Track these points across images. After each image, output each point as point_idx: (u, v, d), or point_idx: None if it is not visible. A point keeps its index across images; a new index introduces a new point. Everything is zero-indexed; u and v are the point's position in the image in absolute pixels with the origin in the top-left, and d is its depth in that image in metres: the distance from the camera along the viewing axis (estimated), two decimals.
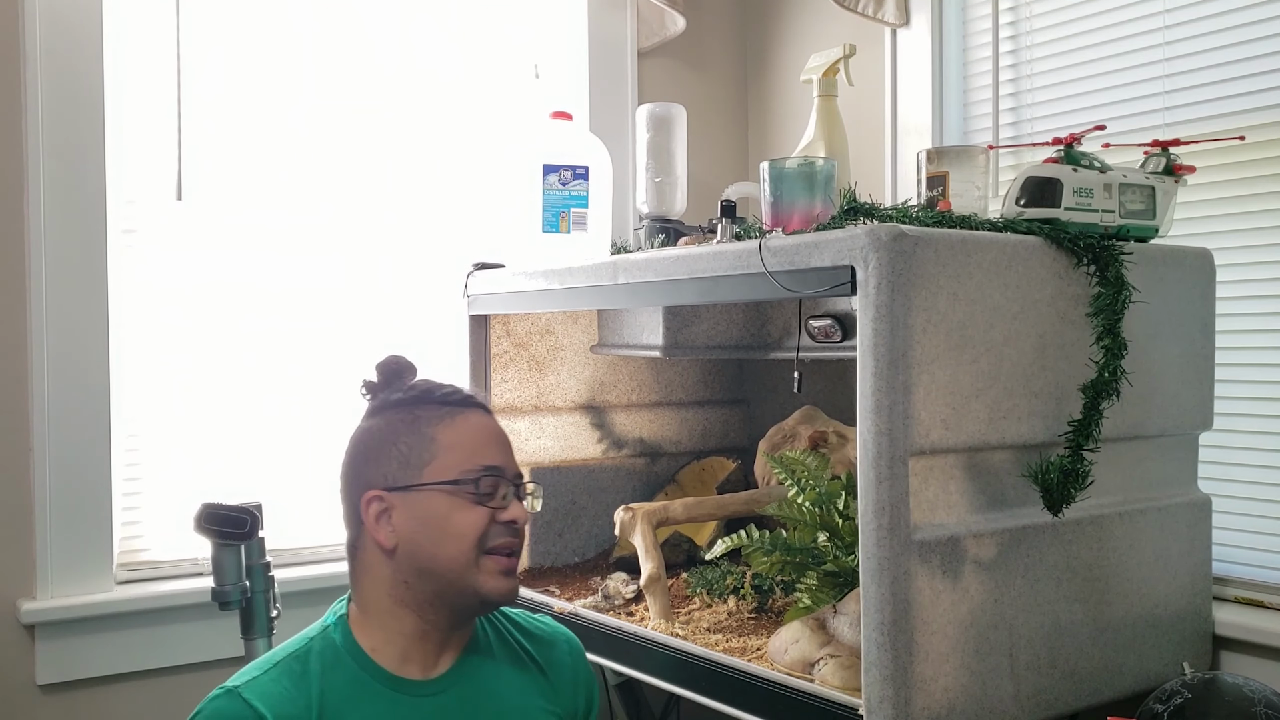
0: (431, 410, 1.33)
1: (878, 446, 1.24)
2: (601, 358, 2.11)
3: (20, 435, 1.85)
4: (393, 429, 1.32)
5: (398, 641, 1.29)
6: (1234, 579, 1.69)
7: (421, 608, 1.29)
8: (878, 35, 2.19)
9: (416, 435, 1.30)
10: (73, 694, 1.89)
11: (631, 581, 1.82)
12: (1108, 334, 1.37)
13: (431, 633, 1.30)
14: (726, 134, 2.54)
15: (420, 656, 1.30)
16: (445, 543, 1.27)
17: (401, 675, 1.28)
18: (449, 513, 1.27)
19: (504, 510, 1.29)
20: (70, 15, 1.86)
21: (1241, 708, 1.30)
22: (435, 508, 1.27)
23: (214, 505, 1.67)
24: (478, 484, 1.28)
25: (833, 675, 1.36)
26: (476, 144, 2.28)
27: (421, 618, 1.29)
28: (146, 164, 1.99)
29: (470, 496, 1.28)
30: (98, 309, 1.89)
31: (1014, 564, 1.36)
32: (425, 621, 1.29)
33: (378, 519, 1.28)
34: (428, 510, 1.27)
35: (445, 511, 1.27)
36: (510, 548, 1.31)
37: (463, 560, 1.27)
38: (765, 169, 1.51)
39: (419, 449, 1.29)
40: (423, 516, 1.27)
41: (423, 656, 1.30)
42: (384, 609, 1.29)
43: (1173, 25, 1.77)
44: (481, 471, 1.29)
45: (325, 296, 2.14)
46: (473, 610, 1.32)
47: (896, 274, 1.23)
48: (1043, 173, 1.41)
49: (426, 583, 1.28)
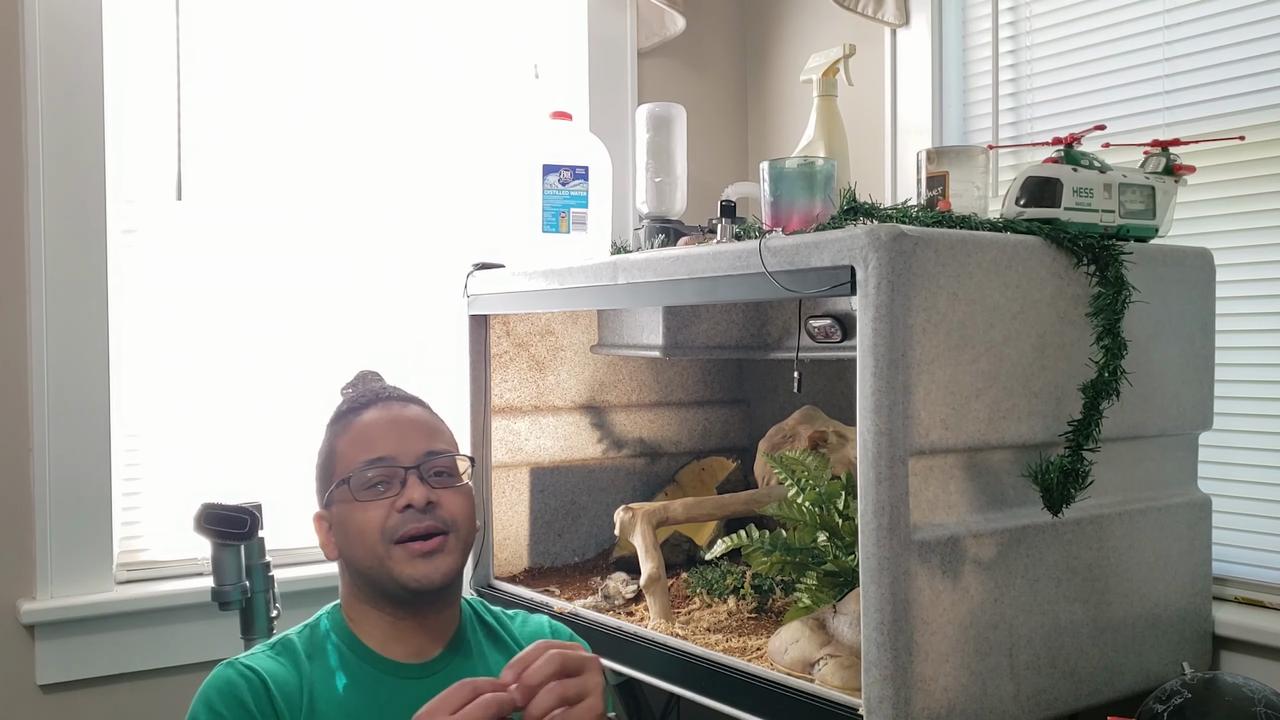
0: (340, 423, 1.39)
1: (878, 446, 1.24)
2: (601, 358, 2.11)
3: (20, 435, 1.85)
4: (319, 452, 1.40)
5: (376, 633, 1.34)
6: (1234, 579, 1.69)
7: (378, 602, 1.33)
8: (878, 35, 2.19)
9: (326, 452, 1.38)
10: (73, 694, 1.89)
11: (631, 581, 1.82)
12: (1108, 334, 1.37)
13: (398, 623, 1.33)
14: (726, 134, 2.54)
15: (400, 645, 1.33)
16: (356, 543, 1.32)
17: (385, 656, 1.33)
18: (350, 515, 1.32)
19: (399, 497, 1.31)
20: (70, 15, 1.86)
21: (1241, 708, 1.30)
22: (343, 514, 1.33)
23: (214, 505, 1.67)
24: (349, 482, 1.31)
25: (833, 675, 1.36)
26: (476, 144, 2.29)
27: (382, 611, 1.33)
28: (146, 164, 1.99)
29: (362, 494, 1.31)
30: (98, 309, 1.89)
31: (1014, 564, 1.36)
32: (387, 613, 1.33)
33: (326, 536, 1.37)
34: (340, 518, 1.34)
35: (348, 515, 1.32)
36: (418, 532, 1.30)
37: (374, 555, 1.30)
38: (765, 169, 1.51)
39: (327, 463, 1.37)
40: (339, 525, 1.34)
41: (403, 645, 1.33)
42: (356, 607, 1.35)
43: (1173, 25, 1.77)
44: (361, 467, 1.32)
45: (325, 296, 2.14)
46: (407, 598, 1.31)
47: (896, 274, 1.23)
48: (1043, 173, 1.41)
49: (365, 581, 1.32)
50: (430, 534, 1.30)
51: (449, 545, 1.31)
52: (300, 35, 2.12)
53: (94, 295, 1.88)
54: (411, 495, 1.30)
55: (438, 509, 1.31)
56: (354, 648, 1.32)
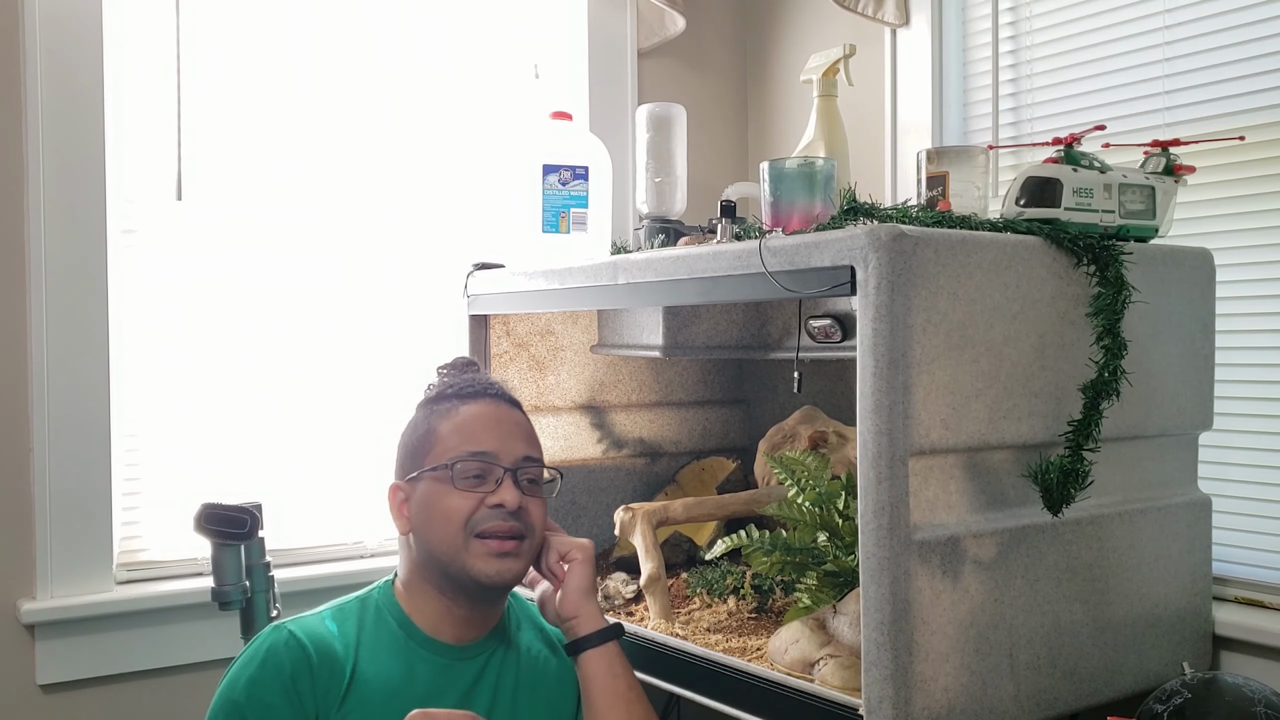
0: (442, 405, 1.43)
1: (878, 446, 1.24)
2: (601, 358, 2.11)
3: (20, 435, 1.85)
4: (412, 425, 1.44)
5: (428, 612, 1.38)
6: (1234, 579, 1.69)
7: (441, 586, 1.37)
8: (878, 35, 2.19)
9: (423, 429, 1.41)
10: (73, 694, 1.89)
11: (631, 581, 1.82)
12: (1108, 334, 1.37)
13: (454, 608, 1.38)
14: (726, 134, 2.54)
15: (450, 628, 1.39)
16: (436, 526, 1.35)
17: (434, 638, 1.37)
18: (439, 498, 1.36)
19: (493, 494, 1.35)
20: (70, 15, 1.86)
21: (1241, 708, 1.30)
22: (429, 494, 1.36)
23: (214, 505, 1.67)
24: (452, 468, 1.35)
25: (833, 675, 1.36)
26: (476, 144, 2.28)
27: (442, 594, 1.38)
28: (146, 164, 1.99)
29: (449, 481, 1.35)
30: (98, 309, 1.89)
31: (1014, 564, 1.36)
32: (446, 597, 1.38)
33: (399, 507, 1.40)
34: (425, 497, 1.37)
35: (436, 497, 1.36)
36: (501, 531, 1.35)
37: (452, 543, 1.34)
38: (765, 169, 1.51)
39: (423, 441, 1.40)
40: (421, 503, 1.37)
41: (452, 628, 1.39)
42: (415, 585, 1.40)
43: (1173, 25, 1.77)
44: (465, 457, 1.36)
45: (325, 297, 2.14)
46: (474, 590, 1.37)
47: (896, 274, 1.23)
48: (1043, 173, 1.41)
49: (434, 564, 1.37)
50: (512, 535, 1.36)
51: (523, 549, 1.37)
52: (300, 35, 2.12)
53: (94, 295, 1.88)
54: (505, 495, 1.36)
55: (524, 513, 1.37)
56: (403, 624, 1.37)
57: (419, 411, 1.45)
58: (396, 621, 1.38)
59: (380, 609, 1.39)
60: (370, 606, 1.39)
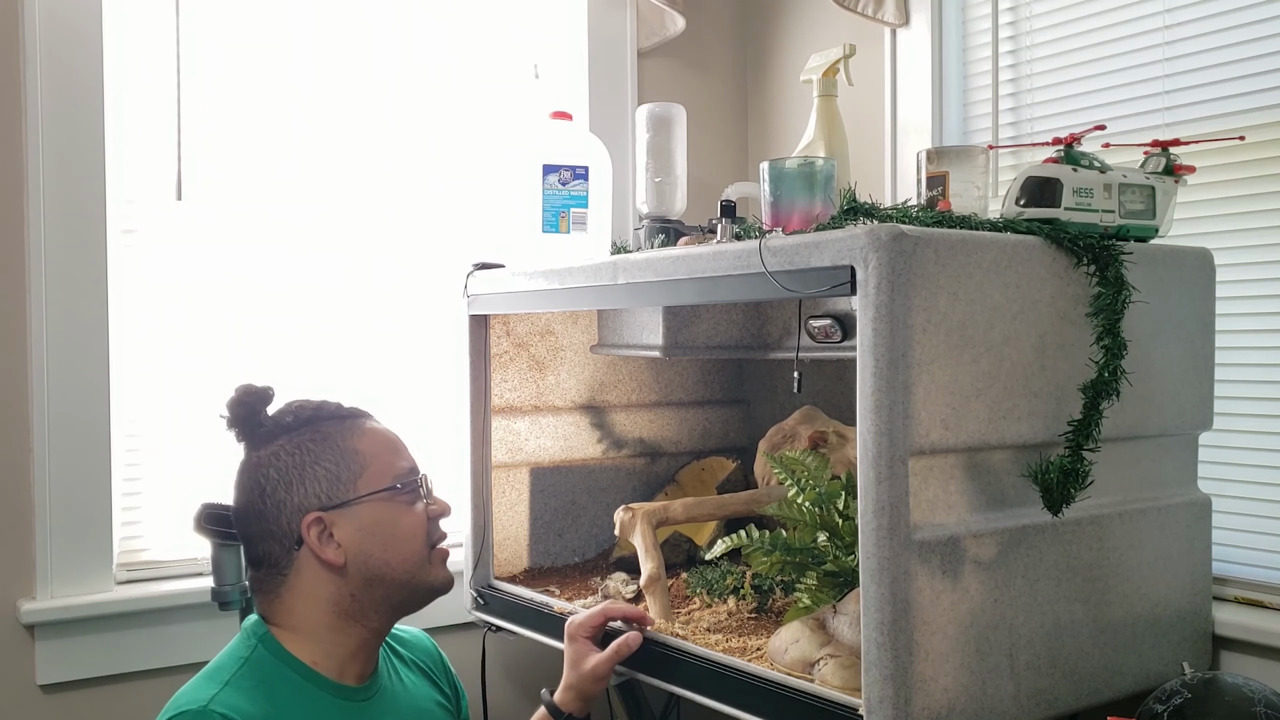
0: (335, 425, 1.35)
1: (878, 446, 1.24)
2: (601, 358, 2.11)
3: (20, 435, 1.85)
4: (305, 450, 1.32)
5: (338, 654, 1.32)
6: (1234, 579, 1.69)
7: (367, 616, 1.32)
8: (878, 35, 2.19)
9: (336, 450, 1.32)
10: (73, 694, 1.89)
11: (631, 581, 1.82)
12: (1108, 334, 1.37)
13: (370, 640, 1.34)
14: (726, 134, 2.54)
15: (357, 666, 1.34)
16: (397, 546, 1.32)
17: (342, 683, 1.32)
18: (396, 518, 1.33)
19: (434, 505, 1.37)
20: (70, 15, 1.86)
21: (1241, 708, 1.30)
22: (380, 516, 1.32)
23: (214, 505, 1.67)
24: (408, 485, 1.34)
25: (833, 675, 1.36)
26: (476, 144, 2.28)
27: (365, 627, 1.33)
28: (146, 164, 1.99)
29: (408, 498, 1.34)
30: (98, 309, 1.89)
31: (1014, 564, 1.36)
32: (368, 630, 1.33)
33: (321, 540, 1.30)
34: (373, 520, 1.31)
35: (392, 517, 1.32)
36: (445, 538, 1.40)
37: (416, 559, 1.33)
38: (765, 169, 1.51)
39: (346, 463, 1.32)
40: (369, 527, 1.31)
41: (358, 665, 1.34)
42: (326, 626, 1.31)
43: (1173, 25, 1.77)
44: (405, 473, 1.35)
45: (325, 297, 2.14)
46: (421, 602, 1.37)
47: (896, 274, 1.23)
48: (1043, 173, 1.41)
49: (375, 590, 1.31)
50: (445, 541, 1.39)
51: None
52: (300, 35, 2.12)
53: (94, 295, 1.88)
54: (443, 504, 1.38)
55: None
56: (308, 675, 1.29)
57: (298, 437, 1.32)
58: (300, 675, 1.29)
59: (276, 665, 1.28)
60: (264, 666, 1.28)
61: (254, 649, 1.30)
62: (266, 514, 1.31)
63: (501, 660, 2.19)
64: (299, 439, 1.33)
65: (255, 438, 1.36)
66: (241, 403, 1.37)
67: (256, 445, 1.35)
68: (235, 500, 1.36)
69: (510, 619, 1.88)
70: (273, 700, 1.25)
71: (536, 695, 1.59)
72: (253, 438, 1.36)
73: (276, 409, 1.39)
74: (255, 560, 1.34)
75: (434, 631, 1.67)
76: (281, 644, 1.30)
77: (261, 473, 1.32)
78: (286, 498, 1.30)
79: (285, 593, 1.32)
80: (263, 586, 1.33)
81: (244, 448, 1.37)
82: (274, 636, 1.31)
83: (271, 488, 1.31)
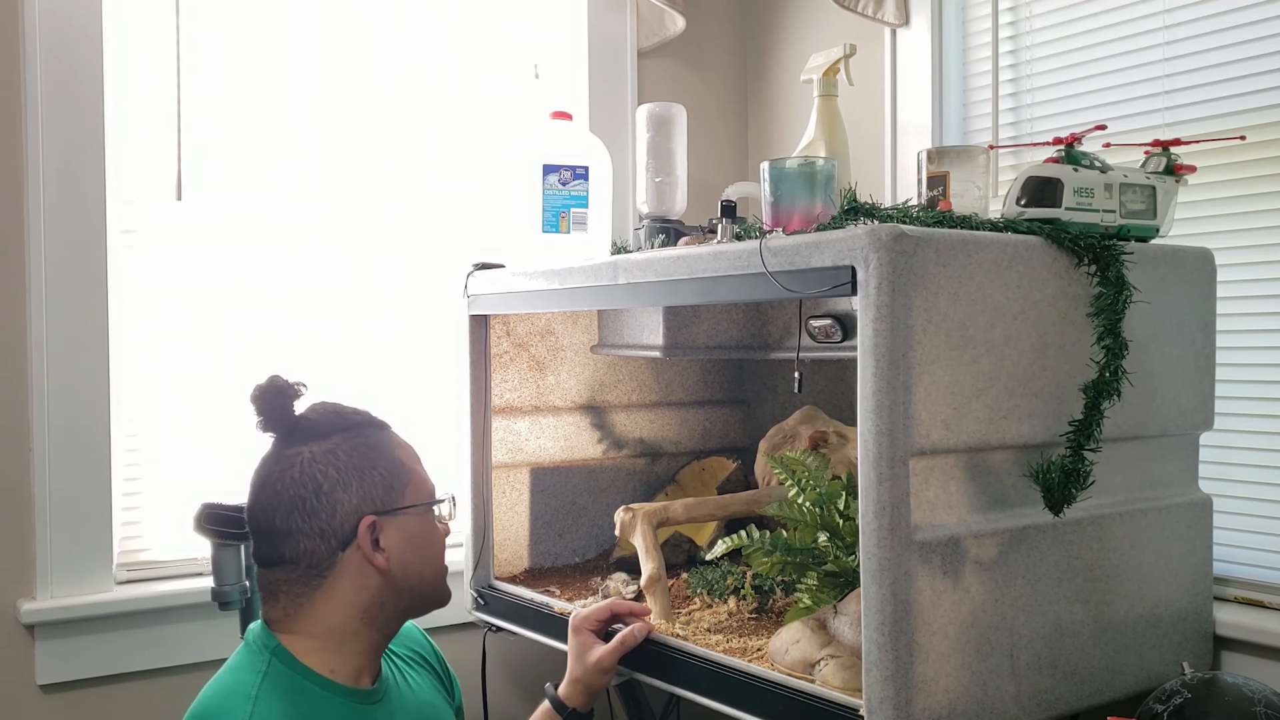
0: (377, 433, 1.35)
1: (878, 446, 1.24)
2: (601, 358, 2.11)
3: (20, 435, 1.84)
4: (362, 453, 1.30)
5: (356, 660, 1.32)
6: (1234, 579, 1.69)
7: (387, 623, 1.34)
8: (878, 35, 2.19)
9: (387, 458, 1.32)
10: (73, 694, 1.88)
11: (632, 582, 1.82)
12: (1108, 334, 1.37)
13: (381, 644, 1.36)
14: (726, 134, 2.54)
15: (370, 669, 1.34)
16: (432, 558, 1.36)
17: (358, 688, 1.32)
18: (431, 531, 1.36)
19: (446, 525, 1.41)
20: (70, 15, 1.86)
21: (1241, 708, 1.30)
22: (419, 528, 1.34)
23: (214, 505, 1.67)
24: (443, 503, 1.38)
25: (833, 676, 1.36)
26: (476, 144, 2.28)
27: (380, 632, 1.34)
28: (146, 164, 1.99)
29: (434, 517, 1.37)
30: (98, 309, 1.89)
31: (1015, 564, 1.36)
32: (382, 635, 1.35)
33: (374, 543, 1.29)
34: (415, 530, 1.33)
35: (428, 530, 1.36)
36: None
37: (442, 573, 1.38)
38: (765, 169, 1.51)
39: (396, 471, 1.32)
40: (410, 537, 1.32)
41: (371, 668, 1.35)
42: (349, 631, 1.30)
43: (1173, 25, 1.77)
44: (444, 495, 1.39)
45: (325, 297, 2.14)
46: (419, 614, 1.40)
47: (897, 274, 1.23)
48: (1043, 173, 1.41)
49: (402, 598, 1.33)
50: None
51: None
52: (300, 35, 2.12)
53: (94, 295, 1.88)
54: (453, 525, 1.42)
55: None
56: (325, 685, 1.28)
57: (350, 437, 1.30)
58: (319, 686, 1.26)
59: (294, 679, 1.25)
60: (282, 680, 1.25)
61: (269, 663, 1.26)
62: (319, 511, 1.26)
63: (502, 660, 2.19)
64: (354, 440, 1.30)
65: (296, 432, 1.31)
66: (278, 393, 1.31)
67: (297, 441, 1.30)
68: (261, 496, 1.29)
69: (510, 619, 1.88)
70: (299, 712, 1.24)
71: (536, 695, 1.59)
72: (293, 432, 1.31)
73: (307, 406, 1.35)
74: (290, 559, 1.27)
75: (434, 632, 1.66)
76: (295, 656, 1.27)
77: (318, 469, 1.27)
78: (345, 497, 1.27)
79: (318, 594, 1.28)
80: (287, 589, 1.28)
81: (274, 441, 1.32)
82: (286, 648, 1.27)
83: (330, 485, 1.27)
